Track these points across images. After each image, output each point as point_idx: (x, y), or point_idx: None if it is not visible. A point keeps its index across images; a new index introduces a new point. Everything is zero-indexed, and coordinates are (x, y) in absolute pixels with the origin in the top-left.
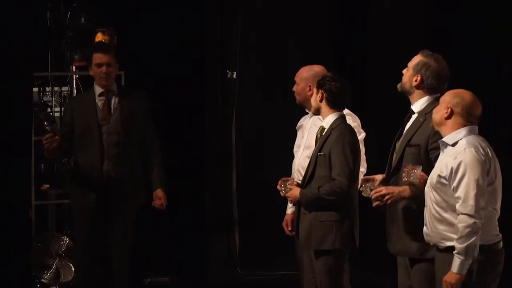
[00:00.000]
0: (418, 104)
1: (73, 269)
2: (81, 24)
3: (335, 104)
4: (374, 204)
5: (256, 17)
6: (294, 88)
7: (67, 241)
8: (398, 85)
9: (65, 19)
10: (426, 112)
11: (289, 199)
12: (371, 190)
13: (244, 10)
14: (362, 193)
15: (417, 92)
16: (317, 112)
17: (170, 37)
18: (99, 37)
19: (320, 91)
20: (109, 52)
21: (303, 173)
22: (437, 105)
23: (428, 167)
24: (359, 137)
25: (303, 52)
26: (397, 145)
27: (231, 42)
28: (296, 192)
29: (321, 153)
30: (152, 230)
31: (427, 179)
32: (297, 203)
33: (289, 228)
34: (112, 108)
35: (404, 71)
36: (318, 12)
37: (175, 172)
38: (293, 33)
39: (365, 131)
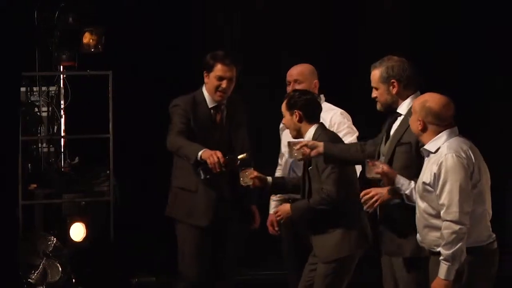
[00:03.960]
0: (404, 106)
1: (60, 269)
2: (69, 23)
3: (313, 116)
4: (365, 207)
5: (250, 18)
6: (297, 88)
7: (54, 241)
8: (379, 107)
9: (53, 19)
10: None
11: (278, 216)
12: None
13: (234, 11)
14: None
15: (399, 97)
16: (298, 134)
17: (160, 37)
18: (87, 37)
19: (295, 112)
20: (235, 66)
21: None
22: None
23: (418, 164)
24: (352, 138)
25: (297, 52)
26: (384, 147)
27: (223, 43)
28: (287, 207)
29: (311, 167)
30: (139, 229)
31: (390, 171)
32: (289, 219)
33: (276, 228)
34: (224, 122)
35: (373, 94)
36: (312, 13)
37: (165, 172)
38: (287, 34)
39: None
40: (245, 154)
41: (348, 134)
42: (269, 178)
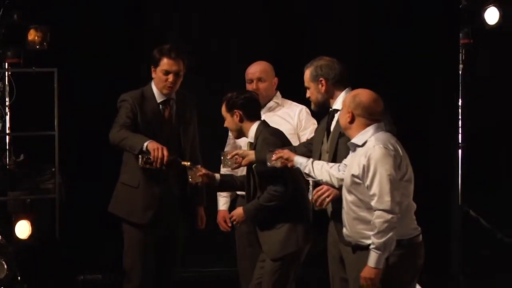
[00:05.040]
0: (338, 102)
1: (5, 266)
2: (14, 20)
3: (253, 114)
4: (317, 204)
5: (199, 15)
6: (261, 86)
7: None
8: (313, 107)
9: None
10: None
11: (234, 220)
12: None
13: (184, 9)
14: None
15: (328, 96)
16: (240, 134)
17: (105, 34)
18: (32, 34)
19: (235, 112)
20: (182, 59)
21: None
22: None
23: None
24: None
25: (243, 52)
26: (326, 146)
27: (169, 39)
28: (240, 211)
29: (255, 164)
30: (85, 227)
31: (287, 152)
32: (244, 221)
33: (229, 224)
34: (173, 118)
35: (307, 94)
36: (259, 11)
37: (111, 169)
38: (234, 32)
39: None
40: (188, 163)
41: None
42: (217, 176)
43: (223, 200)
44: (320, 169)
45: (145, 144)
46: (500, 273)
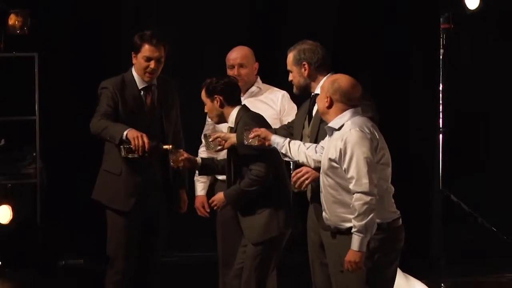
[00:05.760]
0: (320, 86)
1: None
2: None
3: (234, 99)
4: (296, 186)
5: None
6: (242, 72)
7: None
8: (295, 91)
9: None
10: None
11: (215, 205)
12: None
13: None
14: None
15: (311, 80)
16: (221, 119)
17: (86, 18)
18: (12, 18)
19: (215, 97)
20: (163, 45)
21: None
22: None
23: None
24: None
25: (222, 37)
26: (308, 128)
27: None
28: (220, 195)
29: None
30: (67, 212)
31: (264, 131)
32: (225, 206)
33: (207, 210)
34: (155, 103)
35: (290, 77)
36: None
37: (92, 154)
38: (211, 23)
39: None
40: (170, 146)
41: None
42: (199, 159)
43: (201, 186)
44: (297, 150)
45: (125, 133)
46: (480, 257)
